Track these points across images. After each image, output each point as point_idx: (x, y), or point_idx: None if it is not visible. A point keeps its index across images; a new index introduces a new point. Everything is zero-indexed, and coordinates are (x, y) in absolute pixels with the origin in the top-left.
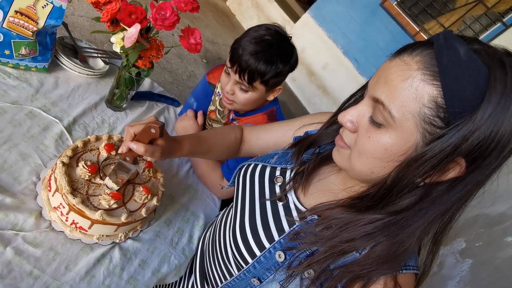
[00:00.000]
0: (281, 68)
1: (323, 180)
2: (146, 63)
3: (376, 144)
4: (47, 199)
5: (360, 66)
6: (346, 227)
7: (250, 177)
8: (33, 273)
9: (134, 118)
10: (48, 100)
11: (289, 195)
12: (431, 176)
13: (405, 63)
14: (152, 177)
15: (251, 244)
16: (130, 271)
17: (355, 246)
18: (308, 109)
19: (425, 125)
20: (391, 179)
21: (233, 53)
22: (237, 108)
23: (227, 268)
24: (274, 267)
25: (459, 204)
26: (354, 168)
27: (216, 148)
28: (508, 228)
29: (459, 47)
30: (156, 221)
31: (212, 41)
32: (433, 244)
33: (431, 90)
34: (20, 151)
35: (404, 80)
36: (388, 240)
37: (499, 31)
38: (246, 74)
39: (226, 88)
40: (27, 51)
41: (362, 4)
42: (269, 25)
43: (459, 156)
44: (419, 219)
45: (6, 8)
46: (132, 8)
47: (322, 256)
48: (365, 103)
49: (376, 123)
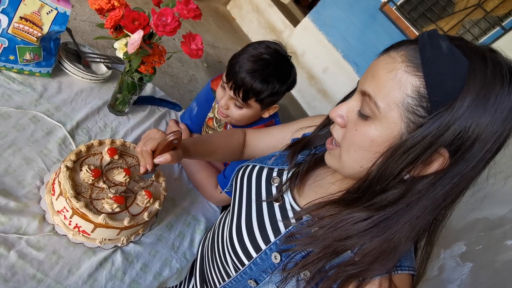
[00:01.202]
0: (277, 88)
1: (319, 181)
2: (149, 69)
3: (362, 135)
4: (50, 203)
5: (360, 69)
6: (336, 226)
7: (247, 179)
8: (36, 277)
9: (136, 122)
10: (51, 104)
11: (286, 196)
12: (415, 167)
13: (391, 57)
14: (154, 181)
15: (247, 245)
16: (132, 275)
17: (347, 245)
18: (309, 112)
19: (409, 114)
20: (376, 168)
21: (230, 69)
22: (232, 123)
23: (225, 270)
24: (270, 268)
25: (448, 200)
26: (344, 164)
27: (220, 150)
28: (507, 232)
29: (441, 42)
30: (157, 225)
31: (212, 45)
32: (426, 244)
33: (414, 81)
34: (24, 155)
35: (389, 72)
36: (378, 237)
37: (498, 35)
38: (241, 91)
39: (221, 102)
40: (32, 56)
41: (362, 8)
42: (269, 42)
43: (442, 147)
44: (406, 214)
45: (11, 14)
46: (135, 14)
47: (316, 256)
48: (355, 99)
49: (363, 115)
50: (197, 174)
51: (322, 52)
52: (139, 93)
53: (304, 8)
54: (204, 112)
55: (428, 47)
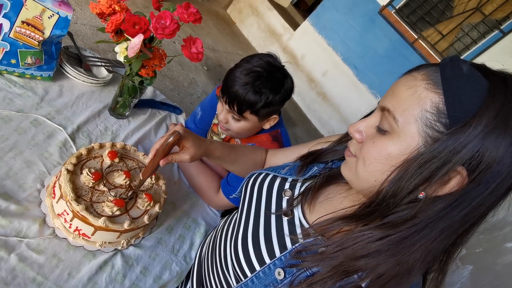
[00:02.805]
0: (271, 99)
1: (331, 198)
2: (149, 72)
3: (379, 148)
4: (51, 206)
5: (360, 73)
6: (347, 245)
7: (258, 187)
8: (37, 280)
9: (136, 125)
10: (52, 108)
11: (296, 211)
12: (431, 185)
13: (412, 76)
14: (154, 184)
15: (251, 257)
16: (132, 278)
17: (358, 266)
18: (308, 115)
19: (427, 129)
20: (390, 182)
21: (224, 84)
22: (233, 136)
23: (225, 277)
24: (273, 284)
25: (465, 226)
26: (359, 177)
27: (243, 162)
28: (508, 234)
29: (462, 65)
30: (157, 228)
31: (213, 49)
32: (437, 273)
33: (433, 97)
34: (25, 159)
35: (409, 88)
36: (391, 258)
37: (497, 38)
38: (235, 104)
39: (220, 117)
40: (33, 60)
41: (361, 12)
42: (262, 55)
43: (460, 165)
44: (422, 236)
45: (13, 19)
46: (136, 19)
47: (324, 275)
48: (374, 115)
49: (382, 130)
50: (197, 178)
51: (322, 56)
52: (140, 97)
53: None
54: (208, 117)
55: (448, 68)
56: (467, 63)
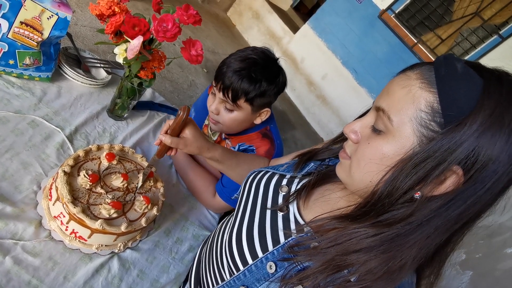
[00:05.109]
0: (265, 87)
1: (327, 196)
2: (148, 74)
3: (374, 149)
4: (47, 208)
5: (359, 76)
6: (340, 241)
7: (256, 184)
8: (32, 283)
9: (135, 127)
10: (50, 109)
11: (291, 207)
12: (426, 185)
13: (406, 75)
14: (152, 186)
15: (244, 251)
16: (129, 282)
17: (350, 260)
18: (308, 118)
19: (422, 129)
20: (386, 182)
21: (218, 71)
22: (223, 130)
23: (220, 272)
24: (264, 278)
25: (460, 223)
26: (354, 178)
27: (244, 167)
28: (507, 240)
29: (456, 63)
30: (155, 231)
31: (212, 51)
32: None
33: (428, 96)
34: (21, 160)
35: (403, 88)
36: (383, 254)
37: (496, 43)
38: (230, 91)
39: (211, 107)
40: (31, 61)
41: (361, 15)
42: (256, 47)
43: (455, 164)
44: (416, 233)
45: (11, 19)
46: (136, 20)
47: (315, 270)
48: (369, 115)
49: (377, 130)
50: (195, 182)
51: (322, 59)
52: (139, 98)
53: (303, 15)
54: (202, 117)
55: (443, 66)
56: (461, 61)
